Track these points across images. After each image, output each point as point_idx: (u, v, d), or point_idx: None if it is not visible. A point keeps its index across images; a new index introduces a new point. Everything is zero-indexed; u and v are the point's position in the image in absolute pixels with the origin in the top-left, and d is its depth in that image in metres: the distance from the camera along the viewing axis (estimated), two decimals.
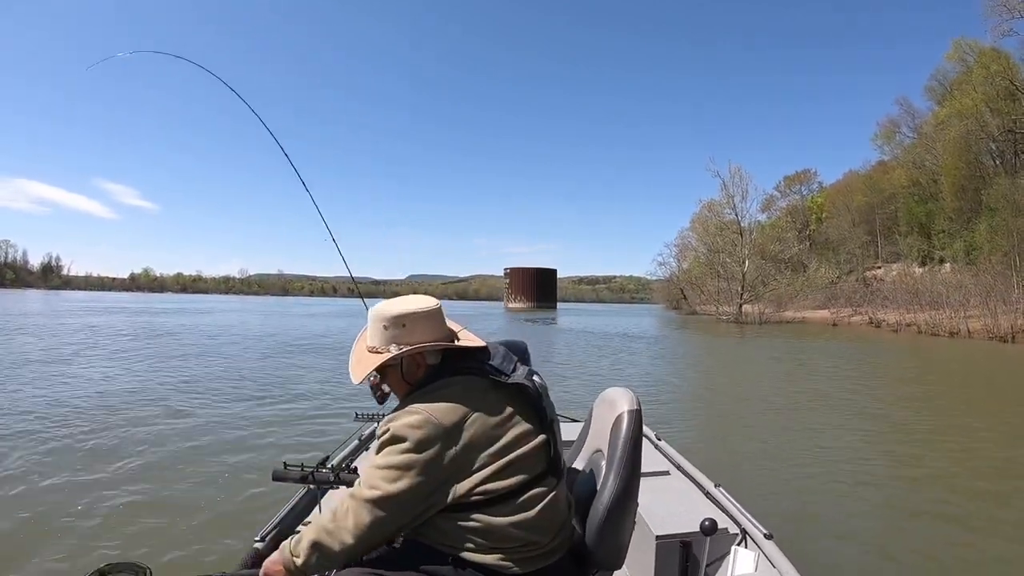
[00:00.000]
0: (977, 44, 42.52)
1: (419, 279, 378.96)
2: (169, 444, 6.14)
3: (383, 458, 1.41)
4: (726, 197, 51.91)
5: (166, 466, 5.37)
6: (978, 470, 5.97)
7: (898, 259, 50.25)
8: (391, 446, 1.41)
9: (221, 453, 5.79)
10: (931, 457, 6.53)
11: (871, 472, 5.90)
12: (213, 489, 4.78)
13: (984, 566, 3.77)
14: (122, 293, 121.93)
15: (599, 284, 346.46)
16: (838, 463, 6.12)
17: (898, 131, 53.92)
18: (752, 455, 6.38)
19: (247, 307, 62.92)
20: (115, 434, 6.49)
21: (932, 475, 5.87)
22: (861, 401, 10.31)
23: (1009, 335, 26.51)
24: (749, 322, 44.89)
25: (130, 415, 7.48)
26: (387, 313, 1.54)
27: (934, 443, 7.19)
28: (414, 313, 1.54)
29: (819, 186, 71.19)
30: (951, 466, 6.15)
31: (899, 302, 36.68)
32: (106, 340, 18.55)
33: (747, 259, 49.68)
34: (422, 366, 1.57)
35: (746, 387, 12.43)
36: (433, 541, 1.46)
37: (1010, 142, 40.55)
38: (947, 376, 15.29)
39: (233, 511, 4.30)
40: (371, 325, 1.58)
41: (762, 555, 2.09)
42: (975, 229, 38.47)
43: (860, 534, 4.19)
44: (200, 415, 7.63)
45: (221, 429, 6.94)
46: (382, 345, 1.54)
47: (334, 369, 12.87)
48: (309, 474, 2.02)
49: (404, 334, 1.53)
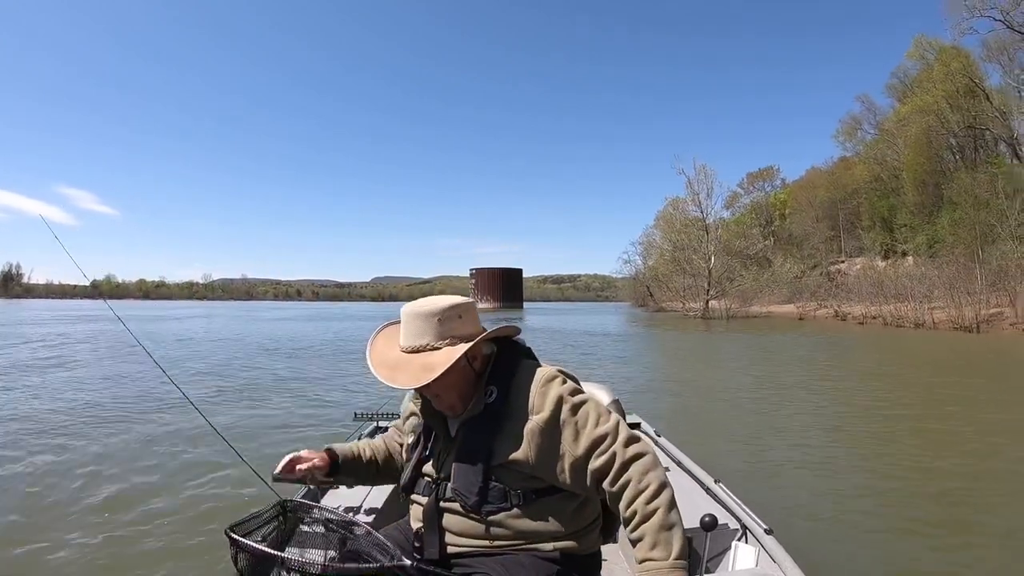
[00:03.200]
0: (938, 42, 43.62)
1: (384, 281, 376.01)
2: (168, 444, 6.19)
3: (589, 413, 1.45)
4: (692, 194, 52.34)
5: (162, 464, 5.44)
6: (977, 463, 5.88)
7: (861, 253, 51.17)
8: (581, 402, 1.47)
9: (220, 453, 5.55)
10: (922, 446, 6.57)
11: (844, 460, 6.04)
12: (212, 488, 4.80)
13: (985, 555, 3.78)
14: (84, 300, 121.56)
15: (564, 283, 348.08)
16: (809, 448, 6.38)
17: (860, 128, 55.08)
18: (735, 448, 6.40)
19: (218, 312, 61.30)
20: (113, 433, 6.63)
21: (929, 467, 5.79)
22: (845, 393, 10.45)
23: (974, 325, 26.93)
24: (716, 317, 45.17)
25: (129, 414, 7.61)
26: (438, 306, 1.50)
27: (919, 430, 7.29)
28: (466, 303, 1.56)
29: (782, 183, 72.39)
30: (949, 457, 6.10)
31: (864, 295, 37.32)
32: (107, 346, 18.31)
33: (713, 255, 50.11)
34: (479, 357, 1.56)
35: (726, 381, 12.38)
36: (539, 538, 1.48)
37: (970, 137, 41.58)
38: (932, 367, 15.21)
39: (232, 510, 4.11)
40: (415, 321, 1.51)
41: (763, 550, 2.04)
42: (937, 223, 39.27)
43: (852, 524, 4.23)
44: (196, 416, 7.09)
45: (220, 428, 6.53)
46: (438, 340, 1.49)
47: (332, 368, 13.08)
48: None
49: (461, 326, 1.52)
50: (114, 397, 9.10)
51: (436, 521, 1.50)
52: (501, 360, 1.56)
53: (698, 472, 2.84)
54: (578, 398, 1.46)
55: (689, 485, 2.75)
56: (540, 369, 1.53)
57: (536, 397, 1.45)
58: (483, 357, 1.56)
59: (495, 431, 1.47)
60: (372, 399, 7.95)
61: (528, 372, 1.51)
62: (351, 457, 1.73)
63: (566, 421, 1.43)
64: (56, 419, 7.42)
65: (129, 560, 3.54)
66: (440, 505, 1.50)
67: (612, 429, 1.42)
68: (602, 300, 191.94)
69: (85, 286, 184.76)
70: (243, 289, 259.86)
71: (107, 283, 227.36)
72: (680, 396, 10.35)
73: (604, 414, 1.45)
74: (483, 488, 1.44)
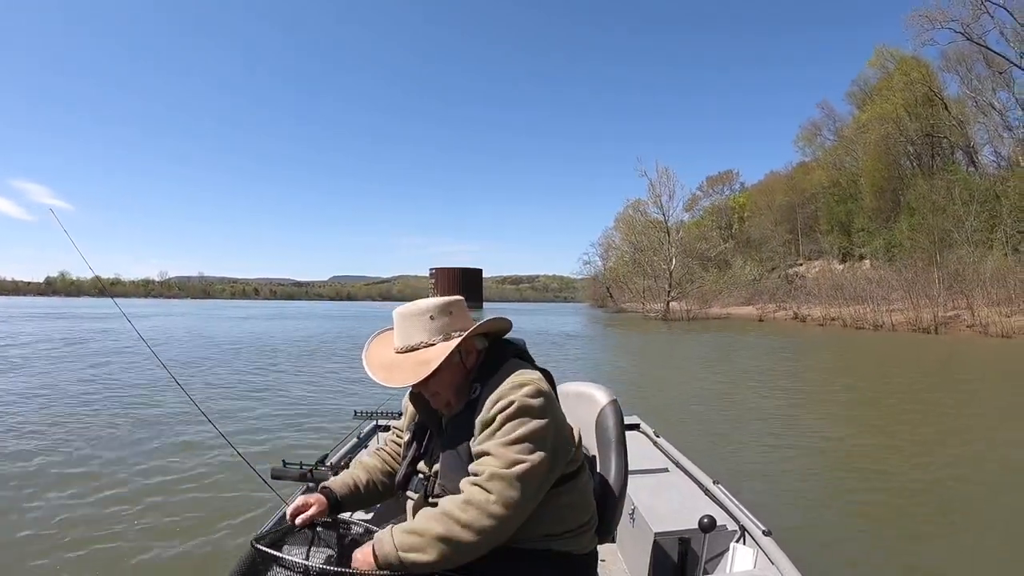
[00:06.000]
0: (898, 52, 44.59)
1: (343, 280, 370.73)
2: (166, 443, 6.18)
3: (516, 431, 1.37)
4: (653, 196, 52.22)
5: (162, 465, 5.41)
6: (977, 462, 5.92)
7: (819, 256, 52.26)
8: (521, 417, 1.39)
9: (219, 451, 5.62)
10: (918, 445, 6.59)
11: (830, 458, 6.19)
12: (211, 487, 4.80)
13: (984, 554, 3.76)
14: (37, 298, 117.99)
15: (523, 284, 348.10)
16: (782, 444, 6.53)
17: (819, 134, 56.18)
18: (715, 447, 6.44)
19: (176, 311, 58.81)
20: (111, 431, 6.66)
21: (927, 466, 5.80)
22: (802, 391, 10.79)
23: (932, 327, 27.28)
24: (677, 319, 45.32)
25: (127, 413, 7.65)
26: (430, 304, 1.55)
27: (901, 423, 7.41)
28: (457, 300, 1.59)
29: (741, 186, 73.20)
30: (948, 457, 6.13)
31: (823, 297, 37.79)
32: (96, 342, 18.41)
33: (675, 257, 50.21)
34: (473, 352, 1.58)
35: (696, 380, 12.37)
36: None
37: (927, 145, 42.70)
38: (911, 369, 15.40)
39: (232, 509, 4.25)
40: (408, 321, 1.56)
41: (760, 552, 2.05)
42: (895, 227, 40.13)
43: (852, 524, 4.24)
44: (195, 413, 7.45)
45: (219, 427, 6.05)
46: (432, 337, 1.53)
47: (329, 368, 13.21)
48: (308, 472, 2.15)
49: (453, 321, 1.55)
50: (109, 391, 9.35)
51: None
52: (489, 358, 1.57)
53: (697, 473, 2.84)
54: (524, 413, 1.39)
55: (688, 486, 2.76)
56: (520, 373, 1.48)
57: (497, 397, 1.42)
58: (476, 352, 1.58)
59: (472, 428, 1.46)
60: (367, 398, 8.01)
61: (507, 373, 1.48)
62: (349, 491, 1.70)
63: (496, 420, 1.39)
64: (44, 420, 7.30)
65: (128, 558, 3.50)
66: (429, 500, 1.51)
67: (514, 456, 1.35)
68: (560, 301, 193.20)
69: (38, 283, 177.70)
70: (200, 287, 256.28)
71: (61, 280, 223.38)
72: (657, 395, 10.25)
73: (528, 443, 1.37)
74: None
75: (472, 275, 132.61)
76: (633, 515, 2.49)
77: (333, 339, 23.16)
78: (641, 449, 3.29)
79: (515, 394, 1.40)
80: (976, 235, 31.99)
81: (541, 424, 1.38)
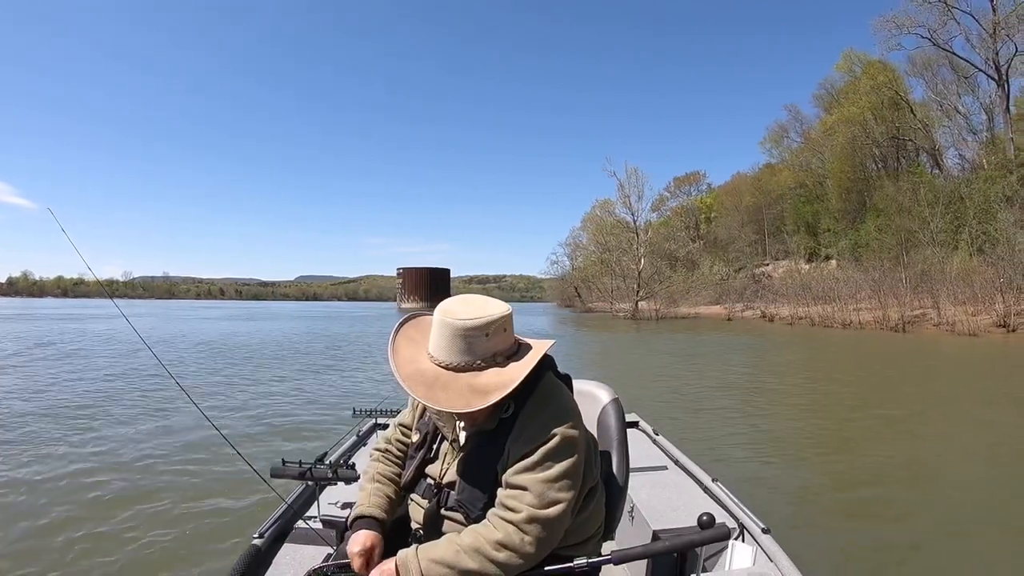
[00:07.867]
0: (865, 56, 45.42)
1: (309, 279, 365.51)
2: (164, 442, 6.17)
3: (555, 467, 1.34)
4: (622, 197, 52.04)
5: (162, 464, 5.41)
6: (977, 463, 5.87)
7: (786, 256, 52.83)
8: (561, 452, 1.35)
9: (217, 449, 5.63)
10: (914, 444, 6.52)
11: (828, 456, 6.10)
12: (211, 486, 4.80)
13: (984, 552, 3.72)
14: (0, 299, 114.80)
15: (490, 283, 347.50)
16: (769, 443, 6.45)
17: (786, 136, 56.90)
18: None
19: (139, 311, 56.52)
20: (109, 431, 6.63)
21: (925, 467, 5.78)
22: (775, 389, 10.68)
23: (899, 326, 27.46)
24: (646, 318, 45.24)
25: (126, 413, 7.65)
26: (488, 318, 1.39)
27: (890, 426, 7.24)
28: (509, 314, 1.45)
29: (708, 187, 73.71)
30: (947, 457, 6.10)
31: (791, 297, 37.99)
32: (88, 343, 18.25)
33: (643, 257, 50.12)
34: None
35: (672, 377, 12.24)
36: None
37: (893, 148, 43.52)
38: (888, 367, 15.57)
39: (231, 508, 4.29)
40: (459, 334, 1.39)
41: (759, 549, 2.07)
42: (861, 228, 40.69)
43: (851, 524, 4.18)
44: (193, 412, 7.04)
45: (218, 426, 5.42)
46: (483, 357, 1.40)
47: (325, 367, 13.30)
48: (307, 470, 2.10)
49: (504, 339, 1.43)
50: (106, 391, 9.37)
51: (437, 527, 1.47)
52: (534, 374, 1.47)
53: (696, 471, 2.85)
54: (565, 448, 1.36)
55: (686, 484, 2.77)
56: (558, 397, 1.43)
57: (539, 427, 1.37)
58: None
59: (504, 448, 1.41)
60: (364, 396, 8.44)
61: (545, 394, 1.43)
62: (388, 507, 1.58)
63: (537, 453, 1.34)
64: (42, 420, 7.24)
65: (127, 557, 3.52)
66: (442, 512, 1.48)
67: (553, 495, 1.33)
68: (528, 300, 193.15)
69: (0, 283, 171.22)
70: (164, 287, 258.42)
71: (24, 280, 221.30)
72: (641, 392, 9.94)
73: (567, 479, 1.35)
74: (487, 504, 1.40)
75: (440, 275, 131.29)
76: (632, 513, 2.48)
77: (310, 340, 22.94)
78: (640, 447, 3.29)
79: (558, 426, 1.35)
80: (941, 236, 32.51)
81: (578, 460, 1.37)
